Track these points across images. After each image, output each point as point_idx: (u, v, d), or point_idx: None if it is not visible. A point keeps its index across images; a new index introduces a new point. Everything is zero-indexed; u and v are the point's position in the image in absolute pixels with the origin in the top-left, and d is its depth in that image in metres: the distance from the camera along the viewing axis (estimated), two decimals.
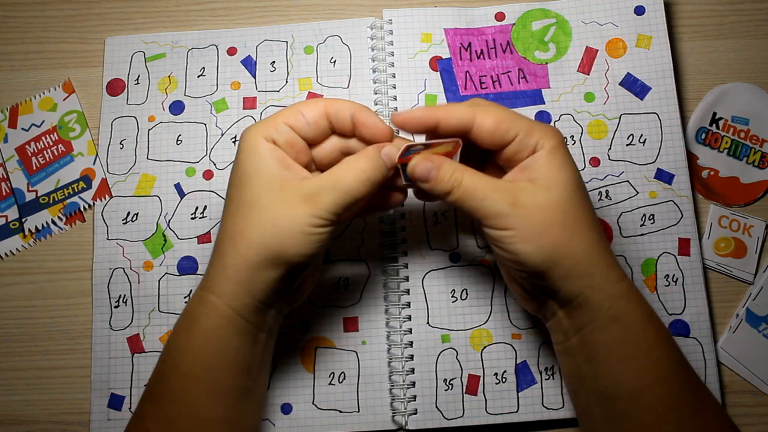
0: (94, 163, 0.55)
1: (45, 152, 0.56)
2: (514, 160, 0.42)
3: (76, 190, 0.55)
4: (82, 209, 0.54)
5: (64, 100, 0.57)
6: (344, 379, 0.51)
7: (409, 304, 0.51)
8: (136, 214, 0.54)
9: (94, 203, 0.54)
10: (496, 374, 0.50)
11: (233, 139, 0.55)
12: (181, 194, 0.54)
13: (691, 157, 0.55)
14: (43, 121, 0.56)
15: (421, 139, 0.44)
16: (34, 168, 0.55)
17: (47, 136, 0.56)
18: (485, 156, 0.45)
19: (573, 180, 0.41)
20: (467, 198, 0.40)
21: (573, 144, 0.54)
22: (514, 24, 0.57)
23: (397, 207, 0.45)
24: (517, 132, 0.41)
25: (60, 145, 0.56)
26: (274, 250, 0.40)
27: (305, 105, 0.43)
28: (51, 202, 0.55)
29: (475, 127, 0.41)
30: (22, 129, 0.56)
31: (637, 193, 0.53)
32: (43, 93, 0.57)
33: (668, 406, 0.40)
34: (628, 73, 0.55)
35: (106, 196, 0.54)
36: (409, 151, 0.42)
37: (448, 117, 0.41)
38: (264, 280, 0.41)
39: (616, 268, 0.41)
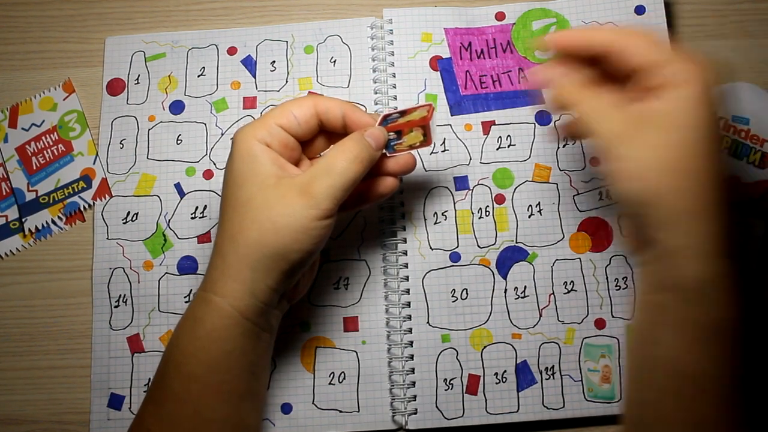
0: (94, 163, 0.55)
1: (45, 152, 0.56)
2: (652, 84, 0.38)
3: (76, 190, 0.55)
4: (82, 209, 0.54)
5: (64, 99, 0.57)
6: (344, 378, 0.51)
7: (409, 304, 0.51)
8: (136, 214, 0.54)
9: (94, 203, 0.54)
10: (496, 374, 0.50)
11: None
12: (181, 194, 0.54)
13: None
14: (43, 121, 0.56)
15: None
16: (34, 168, 0.55)
17: (47, 135, 0.56)
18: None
19: (711, 129, 0.37)
20: (584, 109, 0.39)
21: (573, 144, 0.54)
22: (514, 23, 0.57)
23: (389, 194, 0.46)
24: (668, 58, 0.37)
25: (60, 145, 0.56)
26: (273, 248, 0.40)
27: (295, 104, 0.43)
28: (51, 201, 0.55)
29: (622, 48, 0.38)
30: (22, 129, 0.56)
31: None
32: (43, 93, 0.57)
33: (726, 403, 0.37)
34: None
35: (106, 195, 0.54)
36: (387, 120, 0.43)
37: (591, 37, 0.40)
38: (265, 279, 0.41)
39: (724, 242, 0.36)
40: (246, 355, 0.42)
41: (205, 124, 0.55)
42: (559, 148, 0.54)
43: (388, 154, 0.45)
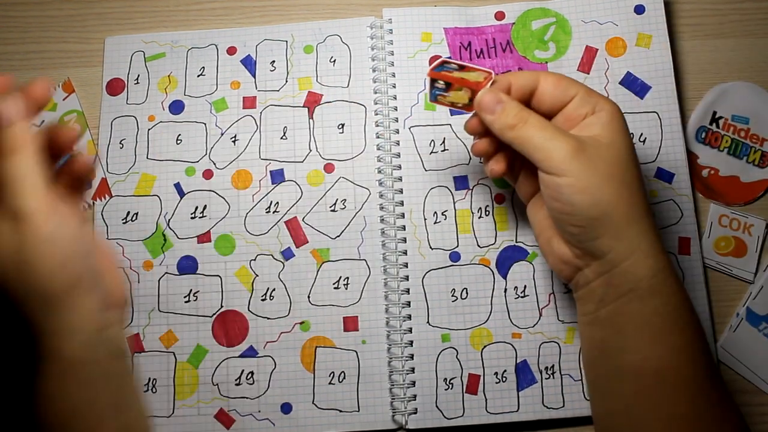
0: (93, 164, 0.55)
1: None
2: (576, 117, 0.42)
3: None
4: (82, 209, 0.54)
5: (63, 99, 0.57)
6: (344, 378, 0.51)
7: (409, 304, 0.51)
8: (136, 214, 0.54)
9: (94, 203, 0.54)
10: (496, 373, 0.50)
11: (233, 139, 0.55)
12: (181, 194, 0.54)
13: (691, 156, 0.55)
14: (43, 121, 0.56)
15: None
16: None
17: None
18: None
19: (630, 146, 0.42)
20: (532, 135, 0.41)
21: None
22: (513, 23, 0.57)
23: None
24: (576, 91, 0.42)
25: None
26: None
27: None
28: None
29: (539, 87, 0.43)
30: None
31: None
32: None
33: (690, 391, 0.40)
34: (628, 72, 0.55)
35: (106, 195, 0.54)
36: (443, 66, 0.44)
37: (517, 78, 0.43)
38: None
39: (659, 240, 0.41)
40: None
41: (204, 124, 0.55)
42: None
43: (429, 101, 0.45)
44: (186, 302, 0.52)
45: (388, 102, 0.55)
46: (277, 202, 0.54)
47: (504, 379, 0.50)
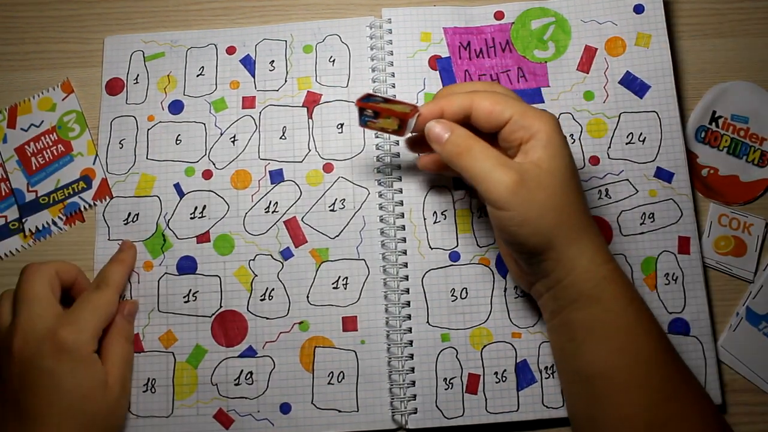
0: (94, 163, 0.55)
1: (44, 152, 0.56)
2: (513, 140, 0.43)
3: (76, 190, 0.55)
4: (82, 209, 0.54)
5: (63, 99, 0.57)
6: (343, 378, 0.50)
7: (408, 303, 0.51)
8: (137, 215, 0.54)
9: (95, 203, 0.54)
10: (496, 373, 0.50)
11: (232, 139, 0.55)
12: (181, 194, 0.54)
13: (690, 156, 0.55)
14: (42, 121, 0.56)
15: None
16: (34, 168, 0.55)
17: (46, 136, 0.56)
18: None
19: (570, 164, 0.43)
20: (473, 166, 0.42)
21: (573, 143, 0.54)
22: (513, 23, 0.57)
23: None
24: (511, 113, 0.43)
25: (59, 145, 0.56)
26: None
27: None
28: (51, 202, 0.55)
29: (473, 112, 0.43)
30: (21, 129, 0.56)
31: (637, 191, 0.53)
32: (42, 93, 0.57)
33: (643, 387, 0.41)
34: (627, 71, 0.55)
35: (107, 197, 0.54)
36: (368, 98, 0.45)
37: (450, 105, 0.44)
38: None
39: (602, 250, 0.43)
40: None
41: (204, 124, 0.55)
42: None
43: (360, 125, 0.46)
44: (185, 302, 0.52)
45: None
46: (276, 202, 0.54)
47: (504, 378, 0.50)
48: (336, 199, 0.53)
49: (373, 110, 0.45)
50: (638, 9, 0.56)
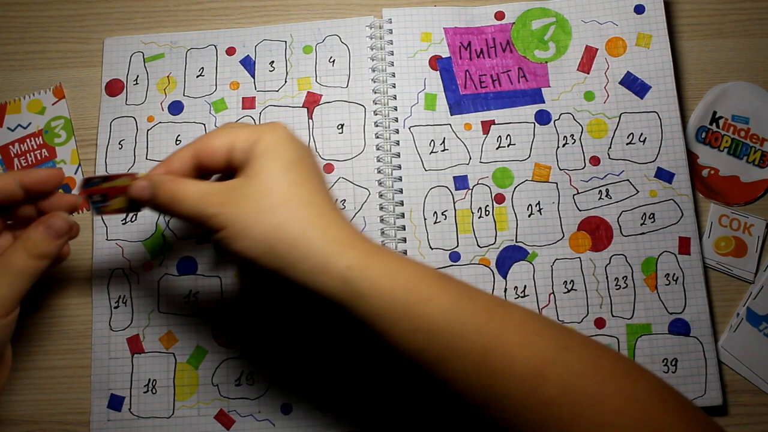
0: (75, 173, 0.55)
1: (28, 155, 0.55)
2: (235, 164, 0.41)
3: None
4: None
5: (53, 104, 0.57)
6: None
7: None
8: (136, 215, 0.54)
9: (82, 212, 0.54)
10: None
11: None
12: None
13: (691, 156, 0.55)
14: (30, 123, 0.56)
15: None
16: (16, 170, 0.55)
17: (32, 139, 0.56)
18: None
19: (282, 162, 0.39)
20: (182, 209, 0.40)
21: (573, 143, 0.54)
22: (513, 23, 0.57)
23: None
24: (230, 147, 0.40)
25: (44, 150, 0.55)
26: None
27: None
28: None
29: (201, 162, 0.41)
30: (8, 129, 0.56)
31: (638, 192, 0.53)
32: (33, 95, 0.57)
33: (450, 356, 0.37)
34: (628, 71, 0.55)
35: None
36: (89, 183, 0.43)
37: (171, 165, 0.42)
38: None
39: (341, 240, 0.38)
40: None
41: (204, 125, 0.55)
42: (559, 147, 0.54)
43: (95, 215, 0.44)
44: (186, 303, 0.52)
45: (387, 102, 0.55)
46: None
47: None
48: (336, 200, 0.53)
49: (100, 193, 0.43)
50: (639, 9, 0.56)
